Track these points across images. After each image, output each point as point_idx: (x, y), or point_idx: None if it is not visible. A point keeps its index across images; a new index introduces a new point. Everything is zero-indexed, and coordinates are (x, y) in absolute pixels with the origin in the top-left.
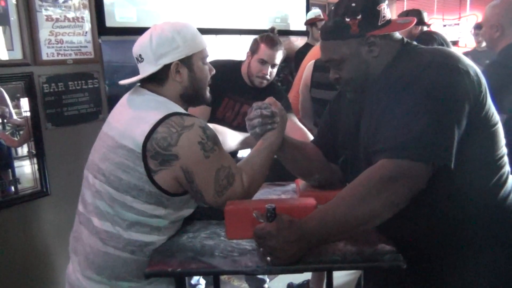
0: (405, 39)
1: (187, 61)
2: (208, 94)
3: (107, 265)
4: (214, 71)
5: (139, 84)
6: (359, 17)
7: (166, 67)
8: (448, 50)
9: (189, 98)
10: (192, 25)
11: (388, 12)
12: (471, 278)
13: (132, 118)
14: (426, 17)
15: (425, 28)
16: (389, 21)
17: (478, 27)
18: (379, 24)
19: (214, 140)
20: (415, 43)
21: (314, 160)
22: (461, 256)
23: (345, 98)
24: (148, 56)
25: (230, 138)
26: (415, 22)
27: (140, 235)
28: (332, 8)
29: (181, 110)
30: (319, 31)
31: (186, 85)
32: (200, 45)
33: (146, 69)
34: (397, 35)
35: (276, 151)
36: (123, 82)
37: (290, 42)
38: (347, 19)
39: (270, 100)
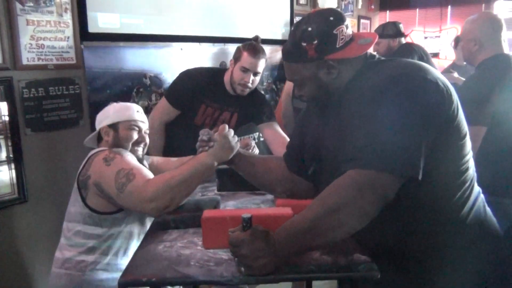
0: (369, 53)
1: (113, 126)
2: (138, 152)
3: (51, 283)
4: (145, 141)
5: None
6: (315, 42)
7: (101, 130)
8: (417, 63)
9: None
10: (133, 105)
11: (349, 31)
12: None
13: None
14: (402, 28)
15: (403, 40)
16: (350, 41)
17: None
18: (338, 46)
19: (117, 151)
20: (378, 56)
21: (273, 173)
22: (430, 266)
23: (313, 111)
24: (95, 124)
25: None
26: (375, 41)
27: (77, 254)
28: (291, 30)
29: (104, 148)
30: None
31: (111, 143)
32: (126, 117)
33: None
34: None
35: (203, 166)
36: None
37: None
38: (304, 44)
39: (221, 127)
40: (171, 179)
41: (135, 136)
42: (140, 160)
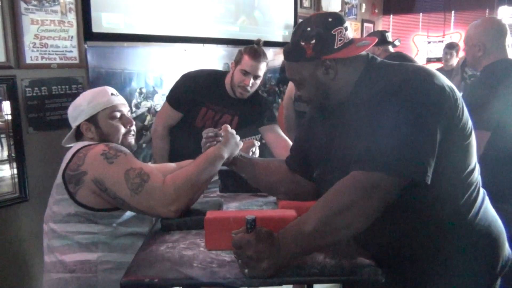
0: (370, 55)
1: (93, 120)
2: (129, 140)
3: None
4: (132, 123)
5: None
6: (313, 41)
7: (79, 127)
8: (424, 67)
9: None
10: (105, 88)
11: (349, 33)
12: None
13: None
14: (389, 37)
15: (390, 48)
16: (349, 42)
17: (449, 46)
18: (336, 47)
19: (118, 149)
20: (380, 59)
21: (274, 175)
22: (434, 269)
23: (319, 114)
24: (70, 122)
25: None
26: (375, 42)
27: (79, 254)
28: (293, 30)
29: (93, 143)
30: None
31: (97, 139)
32: (104, 104)
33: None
34: (361, 53)
35: (214, 159)
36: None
37: None
38: (302, 43)
39: (223, 126)
40: (191, 176)
41: (120, 125)
42: (134, 147)
